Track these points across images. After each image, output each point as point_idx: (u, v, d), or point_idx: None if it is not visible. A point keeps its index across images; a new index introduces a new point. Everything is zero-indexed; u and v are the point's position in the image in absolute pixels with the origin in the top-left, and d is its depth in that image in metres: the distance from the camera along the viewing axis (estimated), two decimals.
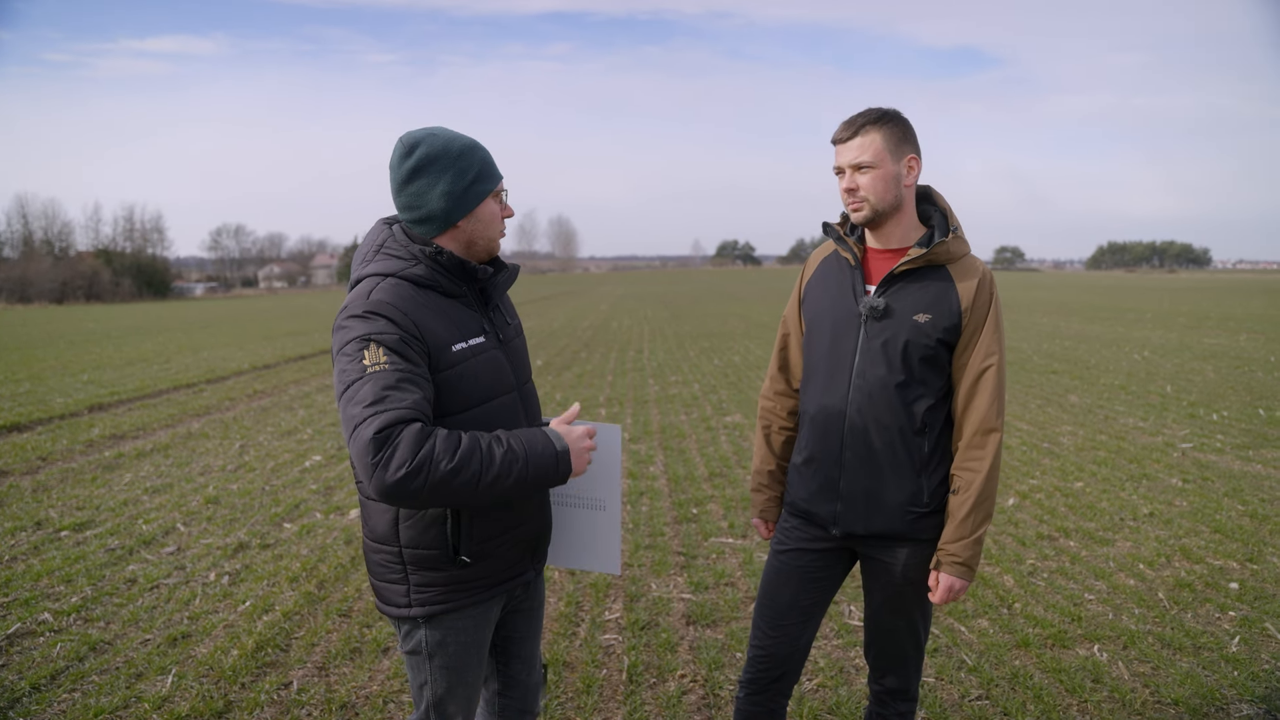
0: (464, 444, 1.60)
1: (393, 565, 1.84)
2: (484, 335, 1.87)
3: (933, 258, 2.06)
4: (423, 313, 1.74)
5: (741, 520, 5.46)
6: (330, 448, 7.83)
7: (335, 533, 5.33)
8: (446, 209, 1.81)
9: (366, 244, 1.88)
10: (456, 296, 1.86)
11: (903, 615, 2.25)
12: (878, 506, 2.13)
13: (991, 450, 2.04)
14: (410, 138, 1.82)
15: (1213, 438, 7.79)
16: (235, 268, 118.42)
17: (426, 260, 1.80)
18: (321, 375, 13.20)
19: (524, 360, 2.05)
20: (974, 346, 2.06)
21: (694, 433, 8.28)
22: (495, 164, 1.89)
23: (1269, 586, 4.32)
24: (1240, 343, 16.63)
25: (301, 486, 6.49)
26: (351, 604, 4.22)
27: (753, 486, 2.49)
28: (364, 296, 1.73)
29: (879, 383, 2.08)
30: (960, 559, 2.05)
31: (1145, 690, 3.32)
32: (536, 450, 1.69)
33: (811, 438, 2.22)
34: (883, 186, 2.06)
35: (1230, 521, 5.33)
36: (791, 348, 2.39)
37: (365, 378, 1.62)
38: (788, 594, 2.28)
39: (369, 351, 1.65)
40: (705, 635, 3.87)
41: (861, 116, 2.07)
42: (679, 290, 53.05)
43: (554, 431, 1.75)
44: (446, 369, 1.75)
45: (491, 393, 1.85)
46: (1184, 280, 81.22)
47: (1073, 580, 4.42)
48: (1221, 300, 35.12)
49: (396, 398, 1.59)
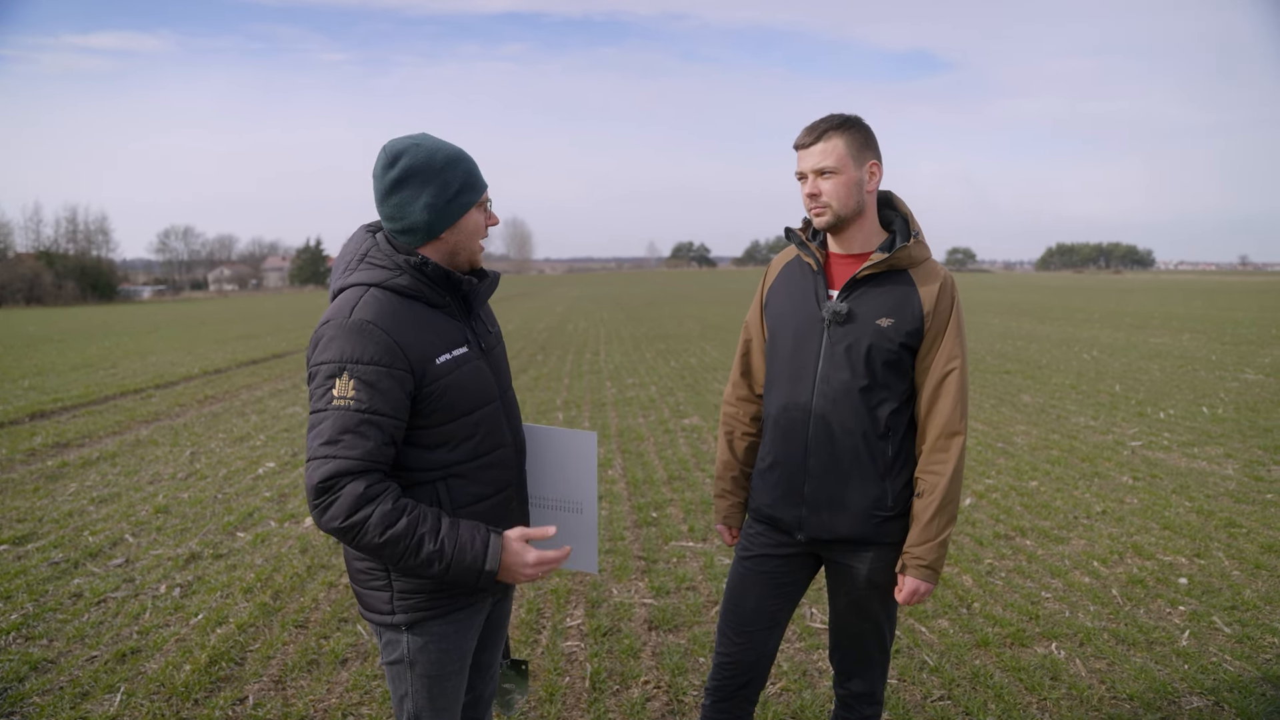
0: (397, 527, 1.62)
1: (375, 571, 1.82)
2: (467, 345, 1.85)
3: (895, 262, 2.07)
4: (406, 327, 1.72)
5: (702, 524, 5.46)
6: (284, 454, 7.68)
7: (290, 541, 5.22)
8: (429, 221, 1.78)
9: (349, 251, 1.85)
10: (440, 307, 1.83)
11: (868, 619, 2.26)
12: (842, 511, 2.13)
13: (955, 453, 2.06)
14: (394, 148, 1.79)
15: (1160, 436, 7.99)
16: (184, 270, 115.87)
17: (411, 271, 1.77)
18: (275, 379, 12.97)
19: (505, 367, 2.03)
20: (936, 350, 2.08)
21: (652, 435, 8.27)
22: (480, 174, 1.87)
23: (1216, 581, 4.43)
24: (1184, 342, 17.10)
25: (255, 494, 6.35)
26: (308, 614, 4.13)
27: (716, 492, 2.48)
28: (346, 313, 1.70)
29: (842, 387, 2.08)
30: (925, 562, 2.07)
31: (1102, 686, 3.38)
32: (464, 563, 1.67)
33: (775, 443, 2.22)
34: (845, 192, 2.06)
35: (1178, 518, 5.46)
36: (754, 353, 2.38)
37: (328, 412, 1.64)
38: (753, 600, 2.27)
39: (339, 383, 1.64)
40: (668, 640, 3.86)
41: (824, 122, 2.07)
42: (635, 292, 53.10)
43: (496, 547, 1.70)
44: (433, 382, 1.73)
45: (476, 403, 1.83)
46: (1129, 281, 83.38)
47: (1030, 579, 4.49)
48: (1165, 300, 36.11)
49: (349, 443, 1.63)
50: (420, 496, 1.75)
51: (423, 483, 1.77)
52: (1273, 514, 5.53)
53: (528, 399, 10.54)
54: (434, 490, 1.77)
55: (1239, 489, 6.14)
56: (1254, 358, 14.18)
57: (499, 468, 1.88)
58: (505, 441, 1.90)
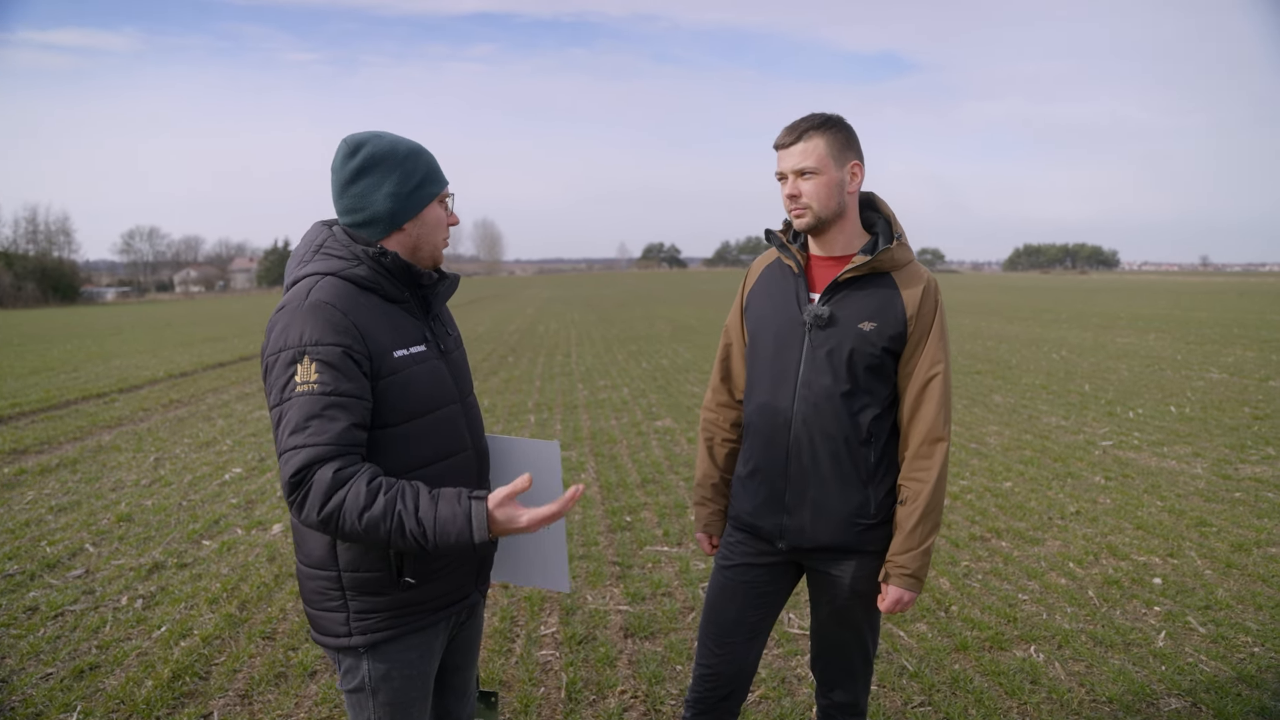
0: (374, 509, 1.52)
1: (330, 591, 1.72)
2: (425, 344, 1.79)
3: (877, 265, 2.03)
4: (364, 314, 1.65)
5: (677, 528, 5.41)
6: (251, 459, 7.53)
7: (257, 549, 5.10)
8: (392, 210, 1.73)
9: (304, 245, 1.77)
10: (398, 302, 1.77)
11: (850, 628, 2.21)
12: (824, 519, 2.08)
13: (939, 460, 2.02)
14: (354, 139, 1.74)
15: (1130, 435, 8.06)
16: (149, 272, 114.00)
17: (370, 261, 1.70)
18: (242, 383, 12.74)
19: (465, 372, 1.96)
20: (919, 355, 2.04)
21: (625, 438, 8.21)
22: (440, 169, 1.81)
23: (1189, 581, 4.45)
24: (1150, 342, 17.34)
25: (221, 501, 6.21)
26: (276, 625, 4.02)
27: (696, 500, 2.42)
28: (302, 296, 1.63)
29: (824, 392, 2.04)
30: (909, 570, 2.02)
31: (1081, 689, 3.37)
32: (450, 541, 1.54)
33: (756, 449, 2.17)
34: (826, 193, 2.01)
35: (1151, 518, 5.49)
36: (734, 358, 2.33)
37: (292, 400, 1.57)
38: (734, 610, 2.22)
39: (301, 367, 1.57)
40: (644, 648, 3.80)
41: (804, 121, 2.02)
42: (606, 293, 52.99)
43: (480, 517, 1.55)
44: (388, 375, 1.66)
45: (433, 404, 1.76)
46: (1095, 281, 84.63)
47: (1006, 581, 4.48)
48: (1130, 301, 36.66)
49: (317, 429, 1.54)
50: None
51: None
52: (1241, 512, 5.59)
53: (499, 402, 10.44)
54: None
55: (1208, 488, 6.19)
56: (1217, 357, 14.41)
57: (459, 475, 1.80)
58: (465, 447, 1.83)
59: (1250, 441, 7.71)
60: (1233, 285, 64.05)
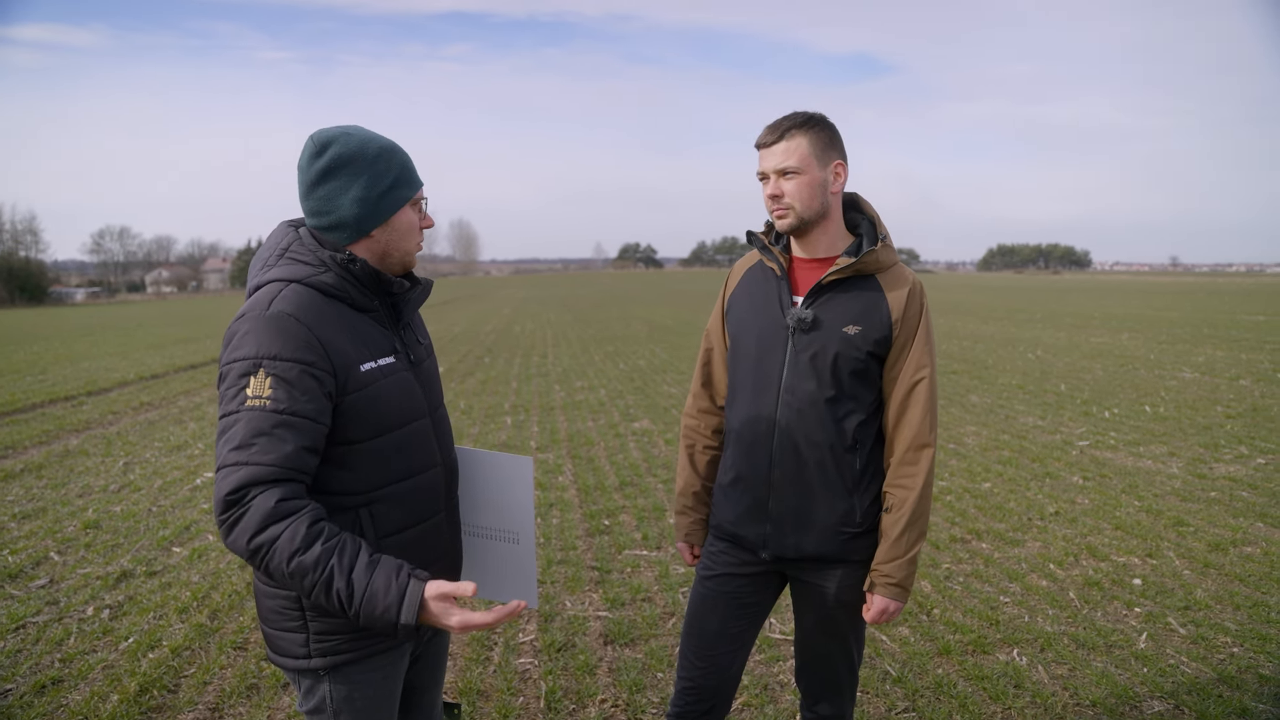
0: (307, 555, 1.41)
1: (289, 611, 1.64)
2: (395, 355, 1.70)
3: (862, 267, 1.98)
4: (329, 326, 1.56)
5: (655, 531, 5.36)
6: None
7: (229, 556, 4.99)
8: (359, 216, 1.64)
9: (268, 247, 1.68)
10: (367, 311, 1.68)
11: (836, 640, 2.17)
12: (809, 528, 2.04)
13: (925, 466, 1.98)
14: (322, 136, 1.64)
15: (1106, 435, 8.11)
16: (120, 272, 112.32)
17: (337, 268, 1.62)
18: (214, 385, 12.52)
19: (436, 383, 1.88)
20: (905, 359, 2.00)
21: (602, 440, 8.15)
22: (415, 170, 1.72)
23: (1168, 581, 4.46)
24: (1123, 341, 17.51)
25: (192, 506, 6.08)
26: (248, 635, 3.93)
27: (677, 509, 2.37)
28: (264, 305, 1.54)
29: (808, 398, 1.99)
30: (894, 580, 1.98)
31: (1065, 693, 3.35)
32: (374, 612, 1.42)
33: (738, 457, 2.11)
34: (809, 193, 1.97)
35: (1129, 518, 5.51)
36: (715, 362, 2.27)
37: (240, 414, 1.47)
38: (716, 621, 2.17)
39: (254, 380, 1.47)
40: (624, 655, 3.74)
41: (786, 120, 1.98)
42: (582, 293, 52.85)
43: (414, 598, 1.43)
44: (355, 391, 1.58)
45: (403, 418, 1.68)
46: (1068, 281, 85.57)
47: (988, 583, 4.47)
48: (1103, 300, 37.07)
49: (263, 448, 1.44)
50: (341, 524, 1.57)
51: (344, 508, 1.60)
52: (1217, 512, 5.62)
53: (475, 404, 10.34)
54: (355, 517, 1.61)
55: (1184, 487, 6.23)
56: (1189, 356, 14.57)
57: (427, 492, 1.73)
58: (435, 463, 1.76)
59: (1224, 440, 7.77)
60: (1202, 285, 64.99)
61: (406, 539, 1.68)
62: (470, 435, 8.41)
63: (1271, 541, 5.05)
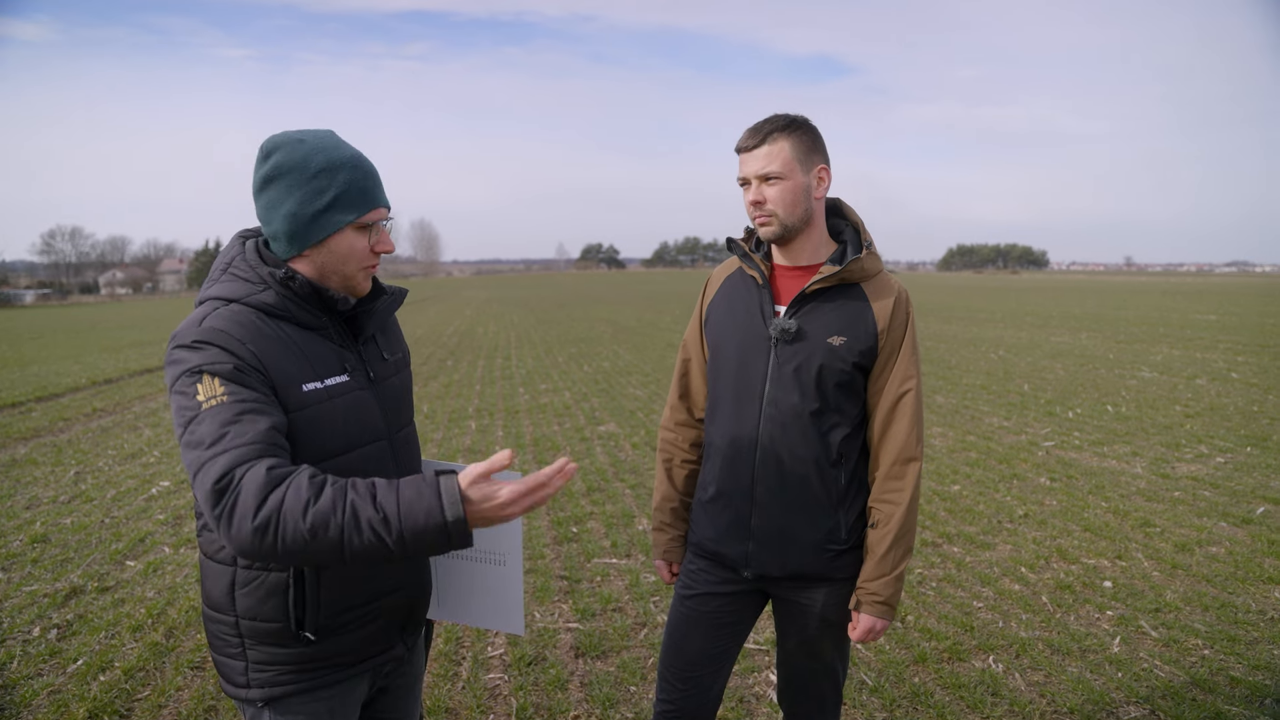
0: (320, 503, 1.27)
1: (229, 638, 1.56)
2: (347, 373, 1.59)
3: (847, 275, 1.92)
4: (267, 344, 1.47)
5: (624, 538, 5.28)
6: (180, 471, 7.17)
7: (186, 569, 4.82)
8: (290, 232, 1.54)
9: (217, 262, 1.60)
10: (314, 328, 1.58)
11: (821, 659, 2.10)
12: (793, 545, 1.97)
13: (911, 480, 1.92)
14: (272, 141, 1.55)
15: (1070, 435, 8.18)
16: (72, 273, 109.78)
17: (277, 285, 1.52)
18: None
19: (402, 401, 1.76)
20: (890, 370, 1.94)
21: (568, 444, 8.06)
22: (373, 190, 1.58)
23: (1138, 583, 4.48)
24: (1082, 341, 17.77)
25: (147, 517, 5.88)
26: (206, 654, 3.78)
27: (654, 525, 2.28)
28: (196, 324, 1.46)
29: (792, 411, 1.92)
30: (881, 597, 1.92)
31: (1042, 700, 3.33)
32: (418, 523, 1.28)
33: (719, 472, 2.04)
34: (792, 199, 1.90)
35: (1097, 519, 5.54)
36: (693, 373, 2.20)
37: (202, 415, 1.36)
38: (697, 642, 2.09)
39: (203, 384, 1.39)
40: (596, 668, 3.66)
41: (768, 123, 1.90)
42: (544, 294, 52.56)
43: (452, 490, 1.29)
44: (295, 411, 1.47)
45: (353, 441, 1.57)
46: (1026, 281, 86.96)
47: (961, 588, 4.45)
48: (1061, 300, 37.68)
49: (238, 432, 1.33)
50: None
51: None
52: (1181, 512, 5.67)
53: (439, 407, 10.18)
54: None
55: (1149, 487, 6.29)
56: (1147, 356, 14.81)
57: None
58: None
59: (1184, 440, 7.88)
60: (1156, 285, 66.43)
61: (350, 571, 1.57)
62: (434, 440, 8.27)
63: (1235, 541, 5.10)
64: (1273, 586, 4.43)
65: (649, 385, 11.70)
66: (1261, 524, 5.41)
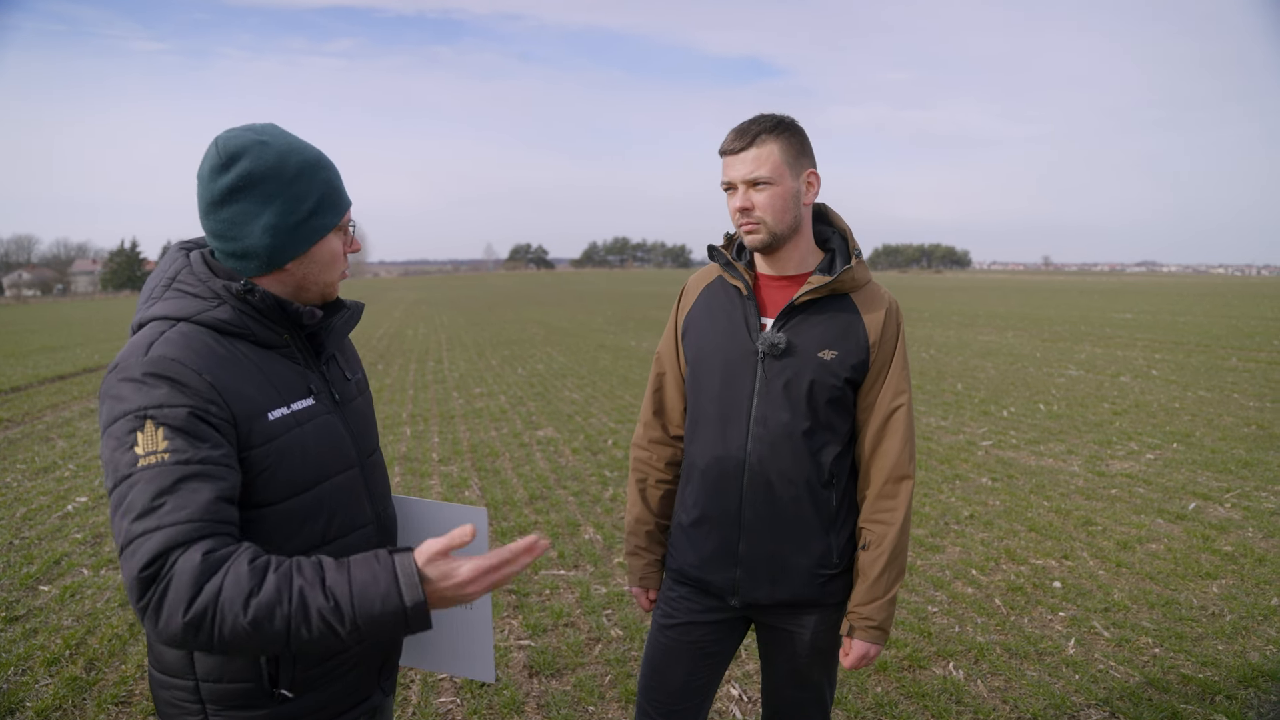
0: (263, 593, 1.14)
1: (186, 705, 1.37)
2: (313, 396, 1.44)
3: (838, 286, 1.83)
4: (226, 370, 1.30)
5: (571, 548, 5.15)
6: (98, 485, 6.77)
7: (108, 593, 4.52)
8: (272, 248, 1.36)
9: (155, 278, 1.40)
10: (275, 347, 1.41)
11: (810, 688, 2.01)
12: (784, 571, 1.87)
13: (904, 499, 1.84)
14: (230, 145, 1.34)
15: (1007, 434, 8.33)
16: None
17: (233, 300, 1.35)
18: (86, 398, 11.63)
19: (368, 425, 1.61)
20: (881, 384, 1.86)
21: (507, 450, 7.89)
22: (343, 186, 1.45)
23: (1085, 583, 4.54)
24: (1009, 340, 18.25)
25: (63, 536, 5.51)
26: (132, 687, 3.53)
27: (628, 550, 2.15)
28: (142, 351, 1.26)
29: (782, 430, 1.82)
30: (875, 622, 1.84)
31: (1005, 706, 3.32)
32: (373, 610, 1.16)
33: (703, 494, 1.92)
34: (781, 205, 1.79)
35: (1040, 518, 5.62)
36: (668, 388, 2.07)
37: (135, 475, 1.18)
38: (680, 674, 1.98)
39: (143, 435, 1.20)
40: (551, 688, 3.52)
41: (755, 125, 1.79)
42: (473, 295, 51.88)
43: (409, 570, 1.18)
44: (262, 444, 1.31)
45: (324, 471, 1.41)
46: (950, 280, 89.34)
47: (915, 593, 4.44)
48: (985, 299, 38.74)
49: (176, 504, 1.16)
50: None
51: None
52: (1120, 509, 5.80)
53: (374, 413, 9.88)
54: None
55: (1086, 485, 6.42)
56: (1072, 354, 15.28)
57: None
58: (366, 520, 1.49)
59: (1115, 437, 8.10)
60: (1073, 284, 68.92)
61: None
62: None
63: (1173, 538, 5.22)
64: (1210, 582, 4.54)
65: (584, 388, 11.58)
66: (1194, 520, 5.55)
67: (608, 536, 5.37)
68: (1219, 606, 4.22)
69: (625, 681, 3.53)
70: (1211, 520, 5.55)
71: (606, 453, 7.71)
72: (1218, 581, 4.54)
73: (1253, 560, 4.81)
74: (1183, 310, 28.85)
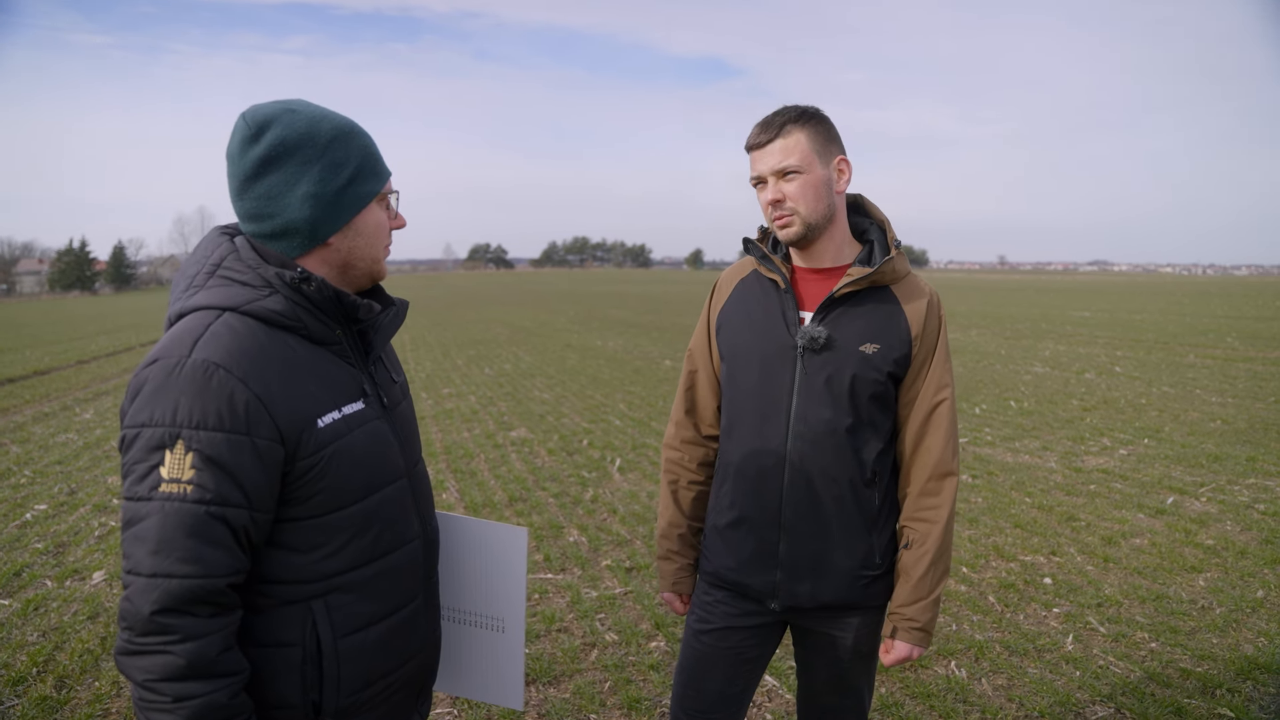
0: None
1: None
2: (364, 400, 1.32)
3: (878, 278, 1.77)
4: (276, 373, 1.19)
5: (556, 552, 5.05)
6: (58, 491, 6.52)
7: (75, 605, 4.32)
8: (313, 219, 1.26)
9: (194, 262, 1.28)
10: (327, 344, 1.30)
11: (851, 693, 1.95)
12: (827, 573, 1.80)
13: (949, 496, 1.78)
14: (258, 115, 1.25)
15: (981, 431, 8.38)
16: None
17: (287, 290, 1.23)
18: (39, 401, 11.23)
19: (413, 431, 1.50)
20: (924, 378, 1.80)
21: (481, 451, 7.76)
22: (380, 155, 1.35)
23: (1075, 578, 4.54)
24: (974, 338, 18.47)
25: (22, 547, 5.28)
26: (108, 705, 3.36)
27: (660, 554, 2.07)
28: (185, 348, 1.15)
29: (825, 427, 1.75)
30: (919, 624, 1.78)
31: (1010, 705, 3.29)
32: None
33: (740, 495, 1.85)
34: (814, 194, 1.73)
35: (1025, 515, 5.64)
36: (701, 386, 2.00)
37: (154, 504, 1.10)
38: (718, 682, 1.90)
39: (171, 456, 1.10)
40: (550, 696, 3.43)
41: (780, 115, 1.74)
42: (434, 295, 51.34)
43: None
44: (310, 454, 1.21)
45: (374, 483, 1.30)
46: None
47: None
48: (944, 297, 39.18)
49: (191, 554, 1.11)
50: (287, 620, 1.22)
51: (292, 600, 1.23)
52: (1100, 505, 5.84)
53: None
54: (307, 612, 1.23)
55: (1065, 481, 6.47)
56: (1036, 351, 15.50)
57: (404, 574, 1.36)
58: (413, 534, 1.39)
59: (1087, 433, 8.18)
60: (1030, 283, 70.20)
61: (373, 636, 1.31)
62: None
63: (1154, 532, 5.26)
64: (1196, 575, 4.58)
65: (554, 388, 11.49)
66: (1174, 514, 5.61)
67: (593, 539, 5.28)
68: (1208, 600, 4.25)
69: (625, 688, 3.45)
70: (1190, 514, 5.61)
71: (582, 453, 7.62)
72: (1203, 575, 4.58)
73: (1234, 553, 4.86)
74: (1137, 309, 29.48)
